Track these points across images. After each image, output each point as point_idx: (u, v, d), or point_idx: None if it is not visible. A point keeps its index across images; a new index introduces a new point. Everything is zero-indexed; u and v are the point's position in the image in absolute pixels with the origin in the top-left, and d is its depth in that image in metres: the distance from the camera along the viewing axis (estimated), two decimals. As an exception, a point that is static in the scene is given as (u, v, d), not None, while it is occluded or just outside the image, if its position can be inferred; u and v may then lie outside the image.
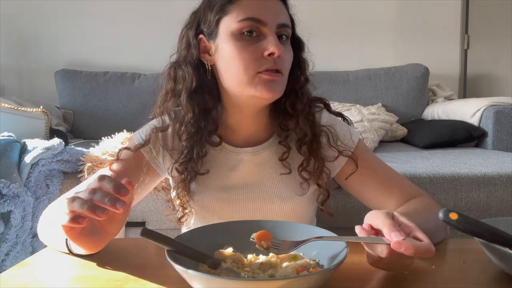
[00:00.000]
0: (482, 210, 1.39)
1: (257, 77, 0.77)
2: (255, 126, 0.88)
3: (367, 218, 0.60)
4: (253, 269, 0.56)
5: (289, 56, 0.81)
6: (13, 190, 1.28)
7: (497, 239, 0.56)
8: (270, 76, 0.77)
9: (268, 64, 0.77)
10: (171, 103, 0.87)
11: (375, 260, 0.57)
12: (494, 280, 0.58)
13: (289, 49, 0.82)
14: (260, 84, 0.78)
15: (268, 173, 0.86)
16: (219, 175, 0.86)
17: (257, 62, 0.77)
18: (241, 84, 0.79)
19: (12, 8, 2.80)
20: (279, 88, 0.79)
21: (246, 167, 0.86)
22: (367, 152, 0.90)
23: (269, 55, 0.76)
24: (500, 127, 1.99)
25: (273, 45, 0.75)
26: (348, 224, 1.35)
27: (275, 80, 0.78)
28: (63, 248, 0.67)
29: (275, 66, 0.77)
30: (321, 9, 2.65)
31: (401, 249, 0.50)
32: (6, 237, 1.27)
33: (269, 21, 0.77)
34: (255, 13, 0.77)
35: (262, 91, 0.78)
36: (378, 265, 0.58)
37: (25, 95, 2.79)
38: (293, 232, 0.65)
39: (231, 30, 0.78)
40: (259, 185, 0.85)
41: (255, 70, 0.77)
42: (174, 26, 0.91)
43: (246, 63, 0.77)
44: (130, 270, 0.61)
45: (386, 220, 0.55)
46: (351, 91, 2.52)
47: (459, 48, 2.86)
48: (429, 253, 0.51)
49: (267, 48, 0.76)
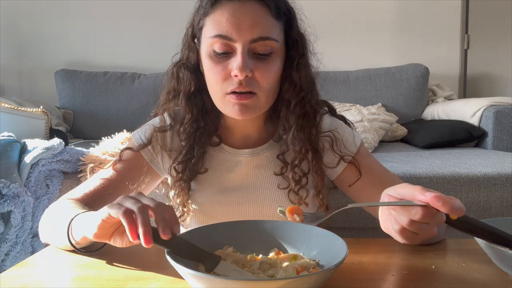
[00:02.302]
0: (482, 210, 1.39)
1: (226, 98, 0.76)
2: (251, 128, 0.87)
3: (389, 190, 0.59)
4: (253, 269, 0.56)
5: (267, 74, 0.75)
6: (13, 190, 1.28)
7: (497, 239, 0.56)
8: (237, 100, 0.74)
9: (234, 86, 0.73)
10: (172, 103, 0.86)
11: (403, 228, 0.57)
12: (494, 280, 0.58)
13: (269, 64, 0.75)
14: (229, 105, 0.76)
15: (266, 176, 0.85)
16: (217, 176, 0.85)
17: (225, 82, 0.74)
18: (215, 100, 0.79)
19: (12, 8, 2.80)
20: (251, 110, 0.76)
21: (245, 169, 0.85)
22: (368, 156, 0.88)
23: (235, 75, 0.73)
24: (500, 127, 1.99)
25: (237, 67, 0.71)
26: (348, 224, 1.36)
27: (245, 103, 0.74)
28: (64, 244, 0.67)
29: (241, 87, 0.73)
30: (321, 9, 2.65)
31: (439, 204, 0.52)
32: (6, 237, 1.27)
33: (239, 37, 0.72)
34: (223, 29, 0.73)
35: (232, 113, 0.76)
36: (405, 233, 0.58)
37: (25, 95, 2.79)
38: (293, 232, 0.65)
39: (204, 46, 0.76)
40: (256, 188, 0.84)
41: (223, 91, 0.75)
42: (174, 26, 0.91)
43: (215, 83, 0.76)
44: (130, 270, 0.61)
45: (415, 186, 0.56)
46: (351, 91, 2.52)
47: (459, 48, 2.86)
48: (461, 210, 0.53)
49: (232, 69, 0.72)
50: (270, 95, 0.78)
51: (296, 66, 0.79)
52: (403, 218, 0.56)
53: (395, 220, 0.58)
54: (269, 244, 0.64)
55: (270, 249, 0.63)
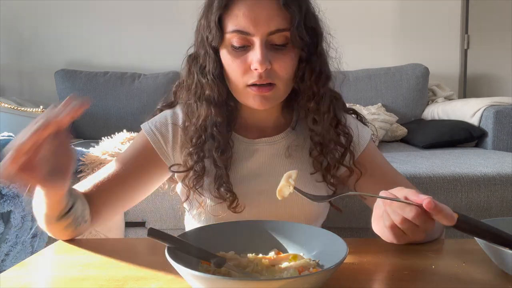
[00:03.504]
0: (482, 210, 1.39)
1: (246, 90, 0.77)
2: (269, 118, 0.87)
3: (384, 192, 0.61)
4: (253, 269, 0.56)
5: (285, 65, 0.77)
6: (13, 190, 1.28)
7: (497, 239, 0.56)
8: (257, 92, 0.76)
9: (254, 79, 0.75)
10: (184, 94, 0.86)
11: (393, 225, 0.60)
12: (494, 280, 0.58)
13: (287, 55, 0.77)
14: (250, 97, 0.78)
15: (283, 164, 0.85)
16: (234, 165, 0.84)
17: (245, 75, 0.76)
18: (235, 93, 0.81)
19: (12, 8, 2.80)
20: (271, 101, 0.78)
21: (261, 158, 0.85)
22: (376, 155, 0.89)
23: (255, 69, 0.75)
24: (500, 127, 1.99)
25: (256, 60, 0.73)
26: (350, 224, 1.36)
27: (265, 94, 0.77)
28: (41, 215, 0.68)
29: (261, 80, 0.75)
30: (321, 9, 2.64)
31: (432, 207, 0.54)
32: (6, 237, 1.27)
33: (256, 31, 0.74)
34: (240, 24, 0.74)
35: (253, 104, 0.78)
36: (395, 230, 0.61)
37: (25, 95, 2.79)
38: (293, 232, 0.65)
39: (225, 39, 0.77)
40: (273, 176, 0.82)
41: (244, 83, 0.77)
42: (174, 26, 0.92)
43: (235, 76, 0.77)
44: (130, 270, 0.61)
45: (412, 190, 0.59)
46: (351, 91, 2.52)
47: (459, 48, 2.86)
48: (451, 218, 0.55)
49: (252, 62, 0.75)
50: (289, 84, 0.80)
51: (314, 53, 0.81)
52: (396, 215, 0.59)
53: (388, 216, 0.60)
54: (269, 244, 0.64)
55: (270, 249, 0.63)
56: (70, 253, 0.70)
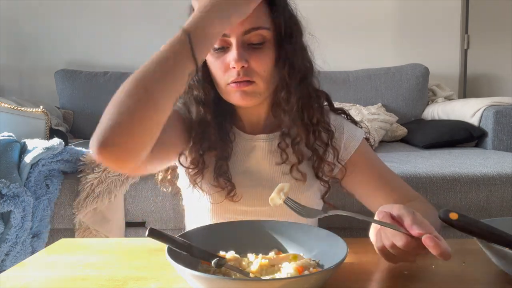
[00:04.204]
0: (482, 210, 1.39)
1: (228, 88, 0.81)
2: (258, 116, 0.89)
3: (385, 207, 0.61)
4: (253, 269, 0.56)
5: (262, 62, 0.79)
6: (13, 190, 1.28)
7: (497, 239, 0.56)
8: (237, 88, 0.79)
9: (233, 77, 0.79)
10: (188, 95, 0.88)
11: (383, 248, 0.58)
12: (494, 280, 0.58)
13: (263, 53, 0.79)
14: (232, 94, 0.81)
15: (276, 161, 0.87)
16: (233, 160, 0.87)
17: (225, 74, 0.80)
18: (220, 92, 0.84)
19: (12, 9, 2.80)
20: (252, 96, 0.81)
21: (259, 154, 0.88)
22: (369, 152, 0.91)
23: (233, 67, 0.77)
24: (500, 127, 1.99)
25: (233, 59, 0.76)
26: (348, 224, 1.36)
27: (245, 90, 0.79)
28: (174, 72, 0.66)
29: (239, 78, 0.78)
30: (321, 9, 2.65)
31: (431, 244, 0.51)
32: (6, 237, 1.27)
33: (232, 32, 0.76)
34: None
35: (235, 100, 0.82)
36: (384, 252, 0.59)
37: (25, 95, 2.79)
38: (293, 232, 0.65)
39: None
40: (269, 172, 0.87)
41: (225, 82, 0.80)
42: (174, 26, 0.91)
43: (217, 76, 0.81)
44: (130, 270, 0.61)
45: (409, 214, 0.57)
46: (351, 91, 2.52)
47: (459, 48, 2.86)
48: (448, 256, 0.52)
49: (230, 61, 0.78)
50: (269, 80, 0.82)
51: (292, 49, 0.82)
52: (387, 240, 0.57)
53: (379, 238, 0.59)
54: (269, 244, 0.64)
55: (270, 249, 0.63)
56: (70, 253, 0.70)
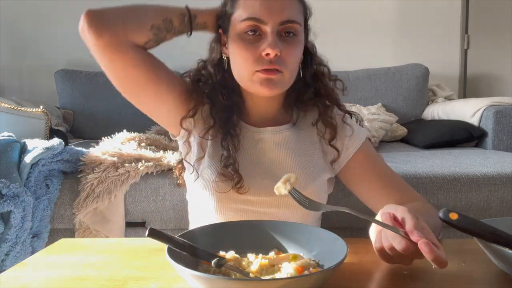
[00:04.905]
0: (482, 210, 1.39)
1: (255, 75, 0.82)
2: (271, 108, 0.92)
3: (390, 207, 0.61)
4: (253, 269, 0.56)
5: (293, 53, 0.82)
6: (13, 190, 1.28)
7: (497, 239, 0.56)
8: (266, 75, 0.81)
9: (265, 64, 0.80)
10: None
11: (382, 248, 0.58)
12: (494, 280, 0.58)
13: (295, 45, 0.83)
14: (257, 82, 0.82)
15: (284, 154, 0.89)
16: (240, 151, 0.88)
17: (256, 61, 0.81)
18: (243, 79, 0.85)
19: (12, 9, 2.80)
20: (277, 86, 0.83)
21: (266, 146, 0.89)
22: (373, 152, 0.93)
23: (266, 55, 0.79)
24: (500, 127, 1.99)
25: (269, 46, 0.78)
26: (348, 224, 1.36)
27: (272, 78, 0.81)
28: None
29: (271, 65, 0.80)
30: (321, 9, 2.65)
31: (426, 249, 0.51)
32: (6, 237, 1.27)
33: (270, 20, 0.79)
34: (256, 12, 0.80)
35: (260, 89, 0.82)
36: (382, 253, 0.59)
37: (25, 95, 2.79)
38: (293, 232, 0.65)
39: (235, 29, 0.83)
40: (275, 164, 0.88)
41: (254, 69, 0.81)
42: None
43: (246, 62, 0.82)
44: (130, 270, 0.61)
45: (412, 218, 0.57)
46: (351, 91, 2.52)
47: (459, 48, 2.86)
48: (443, 265, 0.52)
49: (264, 49, 0.79)
50: (293, 74, 0.86)
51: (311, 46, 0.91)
52: (386, 241, 0.57)
53: (379, 238, 0.59)
54: (269, 244, 0.64)
55: (270, 249, 0.63)
56: (70, 253, 0.70)
